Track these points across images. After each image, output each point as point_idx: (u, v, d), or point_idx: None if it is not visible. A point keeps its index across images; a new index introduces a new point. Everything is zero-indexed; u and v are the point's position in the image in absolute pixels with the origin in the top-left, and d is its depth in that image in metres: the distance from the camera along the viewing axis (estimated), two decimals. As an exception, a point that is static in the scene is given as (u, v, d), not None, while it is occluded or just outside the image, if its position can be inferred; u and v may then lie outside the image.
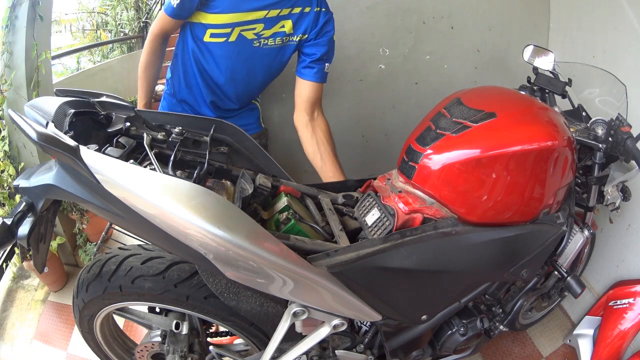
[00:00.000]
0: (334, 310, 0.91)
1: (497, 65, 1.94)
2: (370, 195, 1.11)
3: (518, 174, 0.95)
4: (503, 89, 1.20)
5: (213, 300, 1.01)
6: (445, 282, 1.03)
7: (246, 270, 0.76)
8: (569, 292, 1.19)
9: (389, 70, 1.81)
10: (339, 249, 0.89)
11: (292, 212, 1.01)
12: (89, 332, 1.23)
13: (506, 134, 0.95)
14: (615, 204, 1.24)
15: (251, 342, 1.15)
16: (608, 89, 1.28)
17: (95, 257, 1.14)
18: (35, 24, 1.88)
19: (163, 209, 0.70)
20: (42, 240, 0.87)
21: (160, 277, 1.01)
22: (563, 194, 1.07)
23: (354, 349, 1.13)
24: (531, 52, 1.44)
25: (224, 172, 1.08)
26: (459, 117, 1.01)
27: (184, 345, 1.14)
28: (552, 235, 1.03)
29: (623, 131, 1.12)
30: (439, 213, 0.99)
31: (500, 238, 0.98)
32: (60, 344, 1.82)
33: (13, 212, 0.80)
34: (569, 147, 1.00)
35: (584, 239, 1.31)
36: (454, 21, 1.82)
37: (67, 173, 0.78)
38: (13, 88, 1.87)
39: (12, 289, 2.14)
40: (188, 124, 1.04)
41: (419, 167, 1.00)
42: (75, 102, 0.92)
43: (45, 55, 1.92)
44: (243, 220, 0.75)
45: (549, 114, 1.04)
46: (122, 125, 0.96)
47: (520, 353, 1.70)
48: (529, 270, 1.06)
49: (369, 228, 1.04)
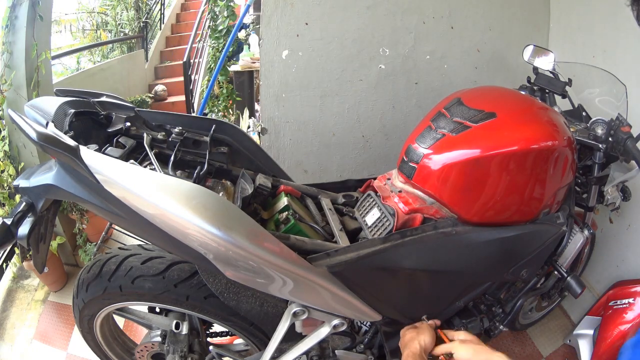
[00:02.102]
0: (334, 310, 0.91)
1: (497, 65, 1.94)
2: (370, 195, 1.11)
3: (518, 174, 0.95)
4: (503, 89, 1.20)
5: (213, 300, 1.01)
6: (445, 282, 1.03)
7: (246, 270, 0.76)
8: (569, 292, 1.19)
9: (389, 70, 1.81)
10: (339, 249, 0.89)
11: (292, 212, 1.01)
12: (89, 332, 1.23)
13: (506, 134, 0.95)
14: (615, 204, 1.24)
15: (251, 342, 1.15)
16: (608, 89, 1.28)
17: (95, 257, 1.14)
18: (35, 24, 1.88)
19: (163, 209, 0.70)
20: (42, 240, 0.87)
21: (160, 277, 1.01)
22: (563, 194, 1.07)
23: (354, 349, 1.13)
24: (531, 52, 1.44)
25: (224, 172, 1.08)
26: (459, 117, 1.01)
27: (184, 345, 1.14)
28: (552, 235, 1.03)
29: (623, 131, 1.12)
30: (439, 213, 0.99)
31: (500, 238, 0.98)
32: (60, 344, 1.82)
33: (13, 212, 0.80)
34: (569, 147, 1.00)
35: (584, 239, 1.31)
36: (454, 21, 1.82)
37: (67, 173, 0.78)
38: (13, 88, 1.87)
39: (12, 289, 2.14)
40: (188, 124, 1.04)
41: (419, 167, 1.00)
42: (75, 102, 0.92)
43: (45, 55, 1.92)
44: (243, 220, 0.75)
45: (549, 114, 1.04)
46: (122, 125, 0.95)
47: (520, 353, 1.70)
48: (529, 270, 1.06)
49: (369, 228, 1.04)
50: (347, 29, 1.73)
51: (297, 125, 1.82)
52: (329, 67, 1.76)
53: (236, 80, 3.99)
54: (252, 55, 3.98)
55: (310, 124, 1.83)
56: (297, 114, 1.81)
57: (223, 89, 3.56)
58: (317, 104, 1.81)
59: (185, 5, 6.51)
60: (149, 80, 5.30)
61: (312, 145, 1.87)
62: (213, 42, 3.46)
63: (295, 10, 1.67)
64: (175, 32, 6.10)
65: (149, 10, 5.72)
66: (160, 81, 5.29)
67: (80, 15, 5.46)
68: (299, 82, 1.76)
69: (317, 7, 1.68)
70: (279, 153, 1.86)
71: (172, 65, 5.48)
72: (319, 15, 1.69)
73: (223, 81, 3.49)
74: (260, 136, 1.84)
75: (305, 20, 1.68)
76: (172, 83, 5.18)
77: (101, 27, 5.55)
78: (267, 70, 1.73)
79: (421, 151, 1.00)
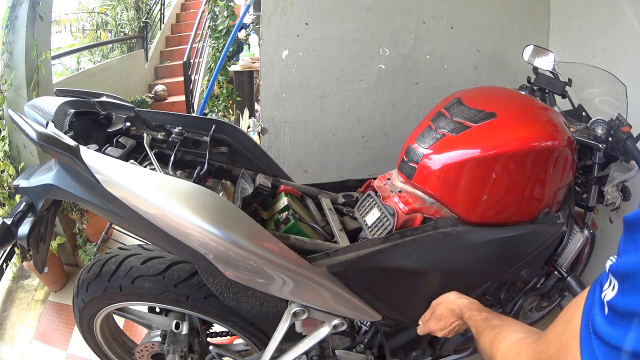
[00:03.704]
0: (334, 310, 0.91)
1: (497, 65, 1.94)
2: (370, 195, 1.11)
3: (518, 173, 0.95)
4: (503, 89, 1.20)
5: (213, 300, 1.01)
6: (445, 282, 1.03)
7: (246, 270, 0.76)
8: (569, 292, 1.19)
9: (389, 70, 1.81)
10: (339, 249, 0.89)
11: (292, 212, 1.01)
12: (89, 332, 1.23)
13: (506, 134, 0.95)
14: (615, 204, 1.24)
15: (251, 342, 1.14)
16: (608, 89, 1.28)
17: (95, 257, 1.14)
18: (35, 24, 1.88)
19: (163, 209, 0.70)
20: (42, 240, 0.87)
21: (160, 277, 1.01)
22: (563, 194, 1.07)
23: (354, 349, 1.13)
24: (531, 52, 1.43)
25: (224, 172, 1.08)
26: (459, 117, 1.01)
27: (184, 345, 1.14)
28: (552, 235, 1.03)
29: (623, 131, 1.12)
30: (439, 213, 0.99)
31: (500, 238, 0.98)
32: (60, 344, 1.82)
33: (13, 212, 0.80)
34: (569, 147, 0.99)
35: (584, 239, 1.31)
36: (454, 21, 1.82)
37: (67, 173, 0.78)
38: (13, 88, 1.87)
39: (12, 289, 2.14)
40: (188, 124, 1.04)
41: (419, 167, 1.00)
42: (75, 102, 0.92)
43: (45, 55, 1.92)
44: (243, 220, 0.75)
45: (549, 114, 1.04)
46: (122, 125, 0.96)
47: (520, 353, 1.70)
48: (529, 270, 1.06)
49: (369, 228, 1.04)
50: (347, 29, 1.73)
51: (297, 125, 1.83)
52: (329, 67, 1.76)
53: (236, 80, 3.99)
54: (252, 55, 3.98)
55: (310, 124, 1.83)
56: (297, 114, 1.81)
57: (223, 89, 3.56)
58: (317, 104, 1.81)
59: (185, 5, 6.51)
60: (149, 80, 5.30)
61: (312, 145, 1.87)
62: (213, 42, 3.46)
63: (295, 10, 1.67)
64: (175, 32, 6.10)
65: (149, 10, 5.72)
66: (160, 81, 5.29)
67: (80, 15, 5.47)
68: (299, 82, 1.76)
69: (317, 7, 1.68)
70: (279, 153, 1.86)
71: (172, 65, 5.48)
72: (319, 15, 1.69)
73: (223, 81, 3.49)
74: (260, 136, 1.85)
75: (305, 20, 1.68)
76: (172, 83, 5.17)
77: (101, 27, 5.55)
78: (267, 70, 1.73)
79: (421, 151, 1.00)
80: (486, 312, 0.75)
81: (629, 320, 0.35)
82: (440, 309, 0.87)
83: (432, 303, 0.90)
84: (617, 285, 0.37)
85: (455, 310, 0.82)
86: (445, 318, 0.85)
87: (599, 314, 0.38)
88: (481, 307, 0.79)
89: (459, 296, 0.85)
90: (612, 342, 0.36)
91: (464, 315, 0.80)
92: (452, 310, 0.83)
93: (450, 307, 0.84)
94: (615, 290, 0.37)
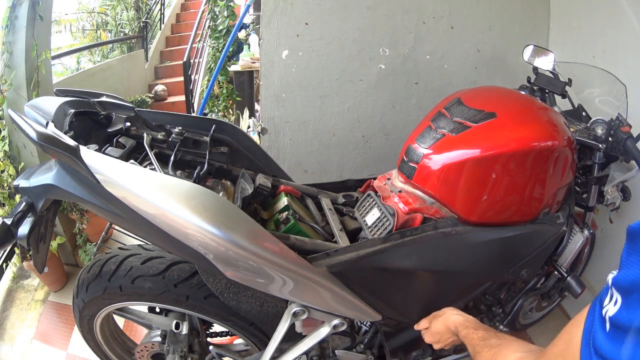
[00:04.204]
0: (334, 310, 0.91)
1: (497, 65, 1.94)
2: (370, 195, 1.11)
3: (518, 174, 0.95)
4: (503, 89, 1.20)
5: (213, 300, 1.01)
6: (445, 282, 1.03)
7: (246, 270, 0.76)
8: (569, 292, 1.19)
9: (389, 70, 1.81)
10: (339, 249, 0.89)
11: (292, 212, 1.01)
12: (89, 332, 1.23)
13: (506, 134, 0.95)
14: (615, 204, 1.24)
15: (251, 342, 1.15)
16: (608, 89, 1.28)
17: (95, 257, 1.14)
18: (35, 24, 1.88)
19: (163, 208, 0.70)
20: (42, 240, 0.87)
21: (160, 277, 1.01)
22: (563, 194, 1.07)
23: (354, 349, 1.13)
24: (531, 52, 1.43)
25: (224, 172, 1.08)
26: (459, 117, 1.01)
27: (184, 345, 1.14)
28: (552, 235, 1.03)
29: (623, 131, 1.12)
30: (439, 213, 0.99)
31: (500, 238, 0.98)
32: (60, 344, 1.82)
33: (13, 212, 0.80)
34: (569, 147, 1.00)
35: (584, 239, 1.31)
36: (454, 21, 1.82)
37: (67, 173, 0.78)
38: (13, 88, 1.87)
39: (12, 289, 2.14)
40: (188, 124, 1.04)
41: (419, 167, 1.00)
42: (75, 102, 0.92)
43: (45, 55, 1.92)
44: (243, 220, 0.75)
45: (549, 114, 1.04)
46: (122, 125, 0.96)
47: (520, 353, 1.70)
48: (529, 270, 1.06)
49: (369, 228, 1.04)
50: (347, 29, 1.73)
51: (297, 125, 1.83)
52: (329, 67, 1.76)
53: (236, 80, 3.99)
54: (252, 55, 3.98)
55: (310, 124, 1.83)
56: (297, 114, 1.81)
57: (223, 89, 3.56)
58: (317, 104, 1.81)
59: (185, 5, 6.51)
60: (149, 80, 5.30)
61: (312, 145, 1.87)
62: (213, 42, 3.46)
63: (295, 10, 1.67)
64: (175, 32, 6.10)
65: (149, 10, 5.72)
66: (160, 81, 5.29)
67: (80, 15, 5.47)
68: (299, 82, 1.76)
69: (317, 7, 1.68)
70: (279, 153, 1.86)
71: (172, 65, 5.48)
72: (319, 15, 1.69)
73: (223, 81, 3.49)
74: (260, 136, 1.84)
75: (305, 20, 1.68)
76: (172, 83, 5.17)
77: (101, 27, 5.55)
78: (267, 70, 1.73)
79: (421, 151, 1.00)
80: (483, 330, 0.74)
81: (635, 336, 0.33)
82: (436, 323, 0.87)
83: (433, 313, 0.90)
84: (620, 299, 0.35)
85: (451, 327, 0.82)
86: (440, 334, 0.85)
87: (600, 331, 0.37)
88: (478, 324, 0.78)
89: (456, 312, 0.85)
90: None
91: (459, 333, 0.79)
92: (447, 327, 0.83)
93: (446, 323, 0.84)
94: (618, 305, 0.35)
